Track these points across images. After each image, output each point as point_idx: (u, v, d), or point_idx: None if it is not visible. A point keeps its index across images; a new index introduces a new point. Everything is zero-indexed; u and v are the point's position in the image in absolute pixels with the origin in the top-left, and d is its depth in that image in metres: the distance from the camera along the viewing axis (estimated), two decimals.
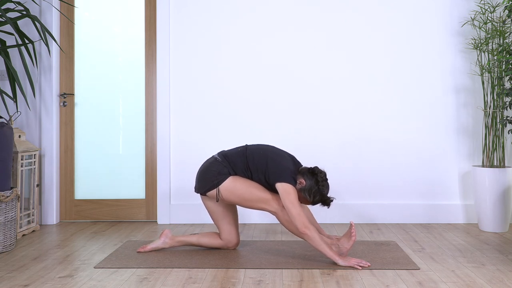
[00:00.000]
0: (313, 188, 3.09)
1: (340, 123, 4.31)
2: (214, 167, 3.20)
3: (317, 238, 2.97)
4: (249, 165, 3.18)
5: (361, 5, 4.30)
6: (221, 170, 3.18)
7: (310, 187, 3.09)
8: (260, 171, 3.16)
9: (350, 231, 3.11)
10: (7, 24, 3.74)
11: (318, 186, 3.09)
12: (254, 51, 4.32)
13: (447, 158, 4.29)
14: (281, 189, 3.05)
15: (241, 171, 3.19)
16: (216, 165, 3.21)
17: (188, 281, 2.76)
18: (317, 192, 3.09)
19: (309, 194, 3.10)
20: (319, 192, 3.09)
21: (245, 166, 3.19)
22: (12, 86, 3.86)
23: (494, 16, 4.23)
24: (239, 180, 3.17)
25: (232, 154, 3.23)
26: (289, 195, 3.02)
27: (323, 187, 3.10)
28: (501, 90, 3.96)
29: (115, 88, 4.44)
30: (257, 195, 3.13)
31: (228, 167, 3.19)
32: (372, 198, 4.30)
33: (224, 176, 3.17)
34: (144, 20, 4.41)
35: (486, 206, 3.95)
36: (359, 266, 2.97)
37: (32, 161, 4.04)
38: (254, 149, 3.22)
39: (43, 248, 3.50)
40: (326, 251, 2.98)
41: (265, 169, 3.14)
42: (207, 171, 3.22)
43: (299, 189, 3.12)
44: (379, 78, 4.31)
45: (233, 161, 3.21)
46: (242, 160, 3.20)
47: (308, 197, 3.10)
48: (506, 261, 3.12)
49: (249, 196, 3.13)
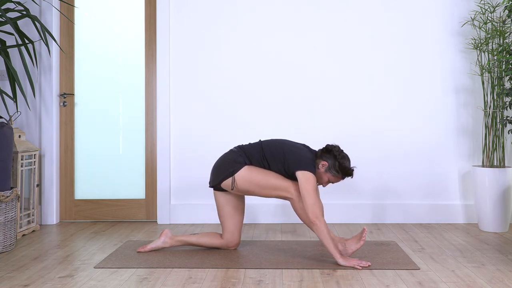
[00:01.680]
0: (336, 164, 3.16)
1: (340, 123, 4.31)
2: (229, 156, 3.24)
3: (325, 232, 2.99)
4: (266, 156, 3.22)
5: (361, 5, 4.30)
6: (237, 159, 3.21)
7: (333, 164, 3.17)
8: (279, 161, 3.18)
9: (361, 235, 3.13)
10: (7, 24, 3.74)
11: (338, 160, 3.16)
12: (254, 50, 4.32)
13: (447, 158, 4.29)
14: (301, 177, 3.08)
15: (257, 161, 3.22)
16: (232, 154, 3.25)
17: (188, 281, 2.76)
18: (341, 166, 3.16)
19: (336, 171, 3.17)
20: (343, 165, 3.16)
21: (261, 157, 3.22)
22: (12, 86, 3.86)
23: (494, 16, 4.23)
24: (255, 169, 3.19)
25: (248, 147, 3.28)
26: (309, 183, 3.06)
27: (344, 159, 3.17)
28: (501, 90, 3.96)
29: (115, 88, 4.44)
30: (273, 182, 3.15)
31: (244, 157, 3.22)
32: (372, 198, 4.30)
33: (239, 164, 3.19)
34: (144, 20, 4.41)
35: (486, 206, 3.94)
36: (359, 266, 2.97)
37: (32, 161, 4.04)
38: (270, 142, 3.28)
39: (43, 248, 3.50)
40: (330, 246, 2.99)
41: (284, 159, 3.17)
42: (223, 162, 3.25)
43: (325, 170, 3.17)
44: (379, 78, 4.31)
45: (250, 152, 3.24)
46: (258, 151, 3.24)
47: (336, 173, 3.18)
48: (506, 261, 3.12)
49: (266, 183, 3.15)
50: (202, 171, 4.33)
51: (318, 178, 3.21)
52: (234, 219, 3.33)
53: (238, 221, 3.34)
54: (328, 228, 3.03)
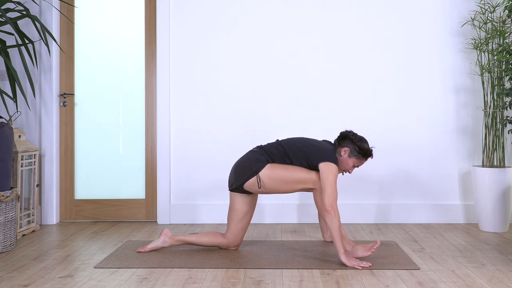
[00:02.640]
0: (356, 147, 3.23)
1: (340, 123, 4.31)
2: (251, 156, 3.26)
3: (337, 223, 3.02)
4: (287, 152, 3.24)
5: (361, 6, 4.30)
6: (259, 158, 3.23)
7: (353, 148, 3.23)
8: (301, 156, 3.21)
9: (372, 246, 3.11)
10: (7, 24, 3.74)
11: (356, 144, 3.23)
12: (254, 50, 4.32)
13: (447, 158, 4.29)
14: (324, 168, 3.12)
15: (278, 159, 3.24)
16: (253, 154, 3.27)
17: (188, 281, 2.76)
18: (360, 148, 3.23)
19: (358, 153, 3.23)
20: (362, 147, 3.23)
21: (282, 154, 3.24)
22: (12, 86, 3.86)
23: (494, 16, 4.23)
24: (277, 165, 3.21)
25: (268, 146, 3.30)
26: (331, 174, 3.10)
27: (361, 142, 3.24)
28: (501, 90, 3.96)
29: (115, 88, 4.44)
30: (297, 176, 3.17)
31: (265, 155, 3.24)
32: (372, 198, 4.30)
33: (262, 163, 3.21)
34: (144, 21, 4.41)
35: (486, 206, 3.95)
36: (359, 266, 2.97)
37: (32, 161, 4.04)
38: (289, 139, 3.31)
39: (43, 248, 3.50)
40: (338, 240, 3.01)
41: (306, 153, 3.19)
42: (244, 162, 3.26)
43: (348, 156, 3.23)
44: (379, 78, 4.31)
45: (270, 150, 3.26)
46: (279, 149, 3.26)
47: (359, 156, 3.24)
48: (506, 261, 3.12)
49: (290, 178, 3.17)
50: (202, 171, 4.33)
51: (344, 164, 3.26)
52: (242, 223, 3.34)
53: (245, 225, 3.35)
54: (340, 222, 3.05)
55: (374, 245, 3.09)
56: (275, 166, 3.21)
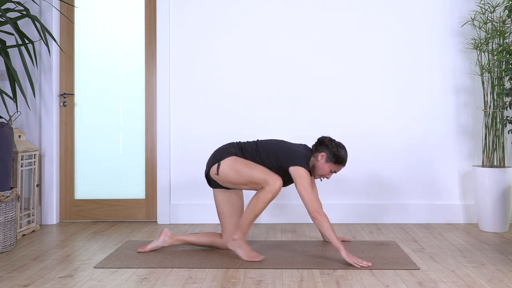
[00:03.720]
0: (332, 153, 3.21)
1: (340, 123, 4.31)
2: (223, 147, 3.30)
3: (326, 225, 3.04)
4: (259, 151, 3.24)
5: (361, 6, 4.30)
6: (228, 148, 3.26)
7: (330, 153, 3.22)
8: (272, 157, 3.21)
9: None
10: (7, 24, 3.74)
11: (331, 150, 3.22)
12: (254, 50, 4.32)
13: (447, 158, 4.29)
14: (294, 173, 3.13)
15: (249, 155, 3.24)
16: (226, 145, 3.31)
17: (188, 281, 2.76)
18: (335, 155, 3.22)
19: (336, 158, 3.22)
20: (337, 154, 3.22)
21: (254, 151, 3.25)
22: (12, 86, 3.87)
23: (494, 16, 4.23)
24: (241, 160, 3.20)
25: (244, 143, 3.34)
26: (302, 179, 3.10)
27: (337, 147, 3.23)
28: (501, 90, 3.96)
29: (115, 88, 4.44)
30: (254, 175, 3.12)
31: (236, 148, 3.26)
32: (372, 198, 4.30)
33: (229, 153, 3.23)
34: (144, 20, 4.41)
35: (486, 206, 3.95)
36: (358, 265, 2.97)
37: (32, 161, 4.04)
38: (266, 140, 3.33)
39: (43, 248, 3.50)
40: (333, 239, 3.03)
41: (277, 156, 3.19)
42: (215, 151, 3.31)
43: (325, 161, 3.22)
44: (379, 78, 4.31)
45: (244, 146, 3.28)
46: (253, 147, 3.27)
47: (335, 160, 3.22)
48: (506, 261, 3.12)
49: (246, 174, 3.13)
50: (202, 171, 4.33)
51: (321, 169, 3.25)
52: (233, 218, 3.33)
53: (237, 220, 3.34)
54: (328, 221, 3.06)
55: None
56: (239, 160, 3.20)
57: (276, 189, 3.08)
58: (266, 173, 3.12)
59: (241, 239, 3.16)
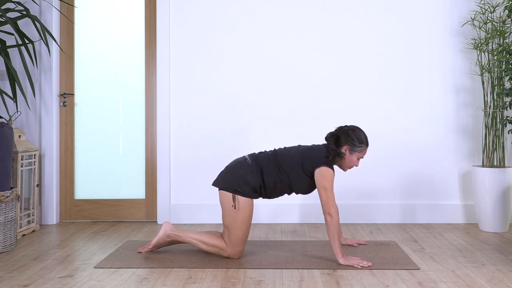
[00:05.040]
0: (355, 141, 3.17)
1: (340, 123, 4.31)
2: (241, 169, 3.17)
3: (334, 228, 3.03)
4: (281, 166, 3.17)
5: (361, 6, 4.30)
6: (246, 176, 3.14)
7: (351, 144, 3.16)
8: (297, 167, 3.15)
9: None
10: (7, 24, 3.74)
11: (353, 137, 3.17)
12: (254, 50, 4.32)
13: (447, 158, 4.29)
14: (318, 174, 3.11)
15: (270, 172, 3.16)
16: (245, 167, 3.17)
17: (188, 281, 2.76)
18: (359, 139, 3.18)
19: (360, 146, 3.18)
20: (360, 137, 3.18)
21: (276, 168, 3.17)
22: (12, 86, 3.87)
23: (494, 16, 4.23)
24: (248, 211, 3.15)
25: (263, 157, 3.21)
26: (325, 180, 3.09)
27: (355, 132, 3.19)
28: (501, 90, 3.96)
29: (115, 88, 4.44)
30: (239, 234, 3.13)
31: (255, 171, 3.15)
32: (372, 198, 4.30)
33: (246, 189, 3.13)
34: (144, 20, 4.41)
35: (486, 206, 3.95)
36: (359, 265, 2.97)
37: (32, 161, 4.04)
38: (283, 150, 3.24)
39: (43, 248, 3.50)
40: (335, 243, 3.03)
41: (302, 163, 3.15)
42: (233, 171, 3.18)
43: (350, 152, 3.18)
44: (379, 78, 4.31)
45: (263, 164, 3.18)
46: (274, 162, 3.18)
47: (361, 147, 3.18)
48: (506, 261, 3.12)
49: (236, 227, 3.12)
50: (202, 171, 4.33)
51: (348, 162, 3.21)
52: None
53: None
54: (337, 227, 3.05)
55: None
56: (247, 209, 3.13)
57: (229, 256, 3.16)
58: (241, 242, 3.14)
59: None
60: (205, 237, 3.22)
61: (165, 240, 3.28)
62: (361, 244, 3.52)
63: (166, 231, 3.26)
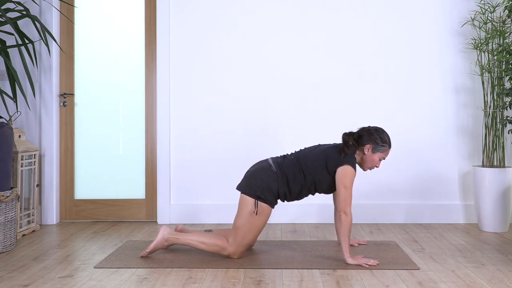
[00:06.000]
0: (378, 141, 3.18)
1: (340, 123, 4.31)
2: (266, 176, 3.17)
3: (347, 227, 3.04)
4: (305, 169, 3.17)
5: (361, 5, 4.30)
6: (271, 184, 3.14)
7: (375, 144, 3.18)
8: (320, 167, 3.16)
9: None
10: (7, 24, 3.74)
11: (376, 140, 3.18)
12: (255, 50, 4.32)
13: (447, 158, 4.29)
14: (340, 172, 3.11)
15: (295, 179, 3.17)
16: (269, 174, 3.17)
17: (188, 281, 2.76)
18: (382, 139, 3.19)
19: (383, 146, 3.19)
20: (383, 138, 3.20)
21: (301, 173, 3.17)
22: (12, 86, 3.87)
23: (494, 16, 4.23)
24: (264, 217, 3.16)
25: (287, 164, 3.20)
26: (346, 178, 3.10)
27: (378, 133, 3.20)
28: (501, 90, 3.96)
29: (115, 88, 4.44)
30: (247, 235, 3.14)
31: (280, 178, 3.16)
32: (372, 198, 4.30)
33: (269, 196, 3.14)
34: (144, 20, 4.41)
35: (486, 206, 3.95)
36: (366, 264, 2.98)
37: (32, 161, 4.04)
38: (306, 152, 3.23)
39: (43, 248, 3.50)
40: (345, 243, 3.04)
41: (326, 163, 3.15)
42: (257, 177, 3.17)
43: (372, 152, 3.19)
44: (379, 78, 4.31)
45: (288, 171, 3.18)
46: (298, 166, 3.19)
47: (384, 147, 3.19)
48: (506, 261, 3.12)
49: (246, 230, 3.13)
50: (202, 171, 4.33)
51: (370, 162, 3.22)
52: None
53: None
54: (350, 226, 3.06)
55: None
56: (264, 216, 3.15)
57: (229, 255, 3.15)
58: (246, 245, 3.15)
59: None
60: (204, 238, 3.21)
61: (163, 245, 3.24)
62: (361, 244, 3.52)
63: (164, 235, 3.22)
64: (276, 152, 4.31)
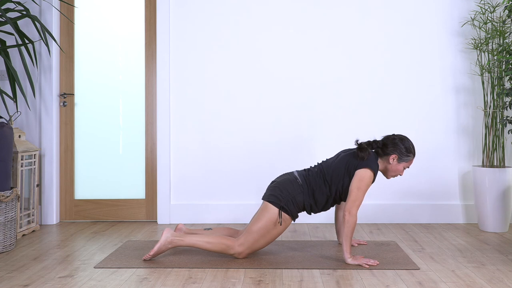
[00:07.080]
0: (403, 151, 3.17)
1: (339, 123, 4.31)
2: (292, 188, 3.18)
3: (350, 227, 3.04)
4: (329, 180, 3.18)
5: (361, 5, 4.30)
6: (297, 197, 3.16)
7: (400, 154, 3.18)
8: (343, 176, 3.16)
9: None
10: (7, 24, 3.74)
11: (402, 147, 3.17)
12: (255, 51, 4.32)
13: (447, 158, 4.29)
14: (358, 174, 3.11)
15: (321, 191, 3.18)
16: (295, 187, 3.18)
17: (188, 281, 2.76)
18: (407, 149, 3.18)
19: (408, 156, 3.18)
20: (408, 147, 3.18)
21: (326, 185, 3.19)
22: (12, 86, 3.87)
23: (494, 16, 4.23)
24: (282, 229, 3.17)
25: (312, 177, 3.21)
26: (362, 180, 3.10)
27: (403, 141, 3.19)
28: (501, 90, 3.96)
29: (115, 88, 4.44)
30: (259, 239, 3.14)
31: (306, 191, 3.17)
32: (372, 198, 4.30)
33: (295, 208, 3.16)
34: (144, 20, 4.41)
35: (486, 206, 3.95)
36: (366, 265, 2.98)
37: (32, 161, 4.04)
38: (328, 163, 3.24)
39: (43, 248, 3.50)
40: (347, 243, 3.05)
41: (347, 167, 3.16)
42: (283, 188, 3.18)
43: (397, 162, 3.18)
44: (379, 78, 4.31)
45: (314, 183, 3.19)
46: (322, 178, 3.20)
47: (409, 157, 3.19)
48: (506, 261, 3.12)
49: (261, 235, 3.14)
50: (202, 171, 4.33)
51: (395, 171, 3.22)
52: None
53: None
54: (353, 227, 3.06)
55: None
56: (277, 230, 3.15)
57: (234, 254, 3.15)
58: (256, 249, 3.16)
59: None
60: (209, 237, 3.18)
61: (166, 247, 3.19)
62: (361, 244, 3.52)
63: (167, 237, 3.17)
64: (276, 151, 4.31)
